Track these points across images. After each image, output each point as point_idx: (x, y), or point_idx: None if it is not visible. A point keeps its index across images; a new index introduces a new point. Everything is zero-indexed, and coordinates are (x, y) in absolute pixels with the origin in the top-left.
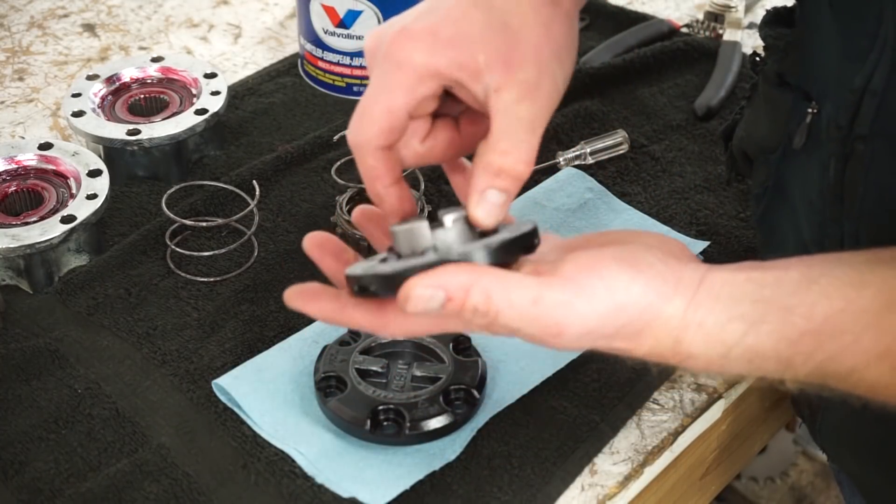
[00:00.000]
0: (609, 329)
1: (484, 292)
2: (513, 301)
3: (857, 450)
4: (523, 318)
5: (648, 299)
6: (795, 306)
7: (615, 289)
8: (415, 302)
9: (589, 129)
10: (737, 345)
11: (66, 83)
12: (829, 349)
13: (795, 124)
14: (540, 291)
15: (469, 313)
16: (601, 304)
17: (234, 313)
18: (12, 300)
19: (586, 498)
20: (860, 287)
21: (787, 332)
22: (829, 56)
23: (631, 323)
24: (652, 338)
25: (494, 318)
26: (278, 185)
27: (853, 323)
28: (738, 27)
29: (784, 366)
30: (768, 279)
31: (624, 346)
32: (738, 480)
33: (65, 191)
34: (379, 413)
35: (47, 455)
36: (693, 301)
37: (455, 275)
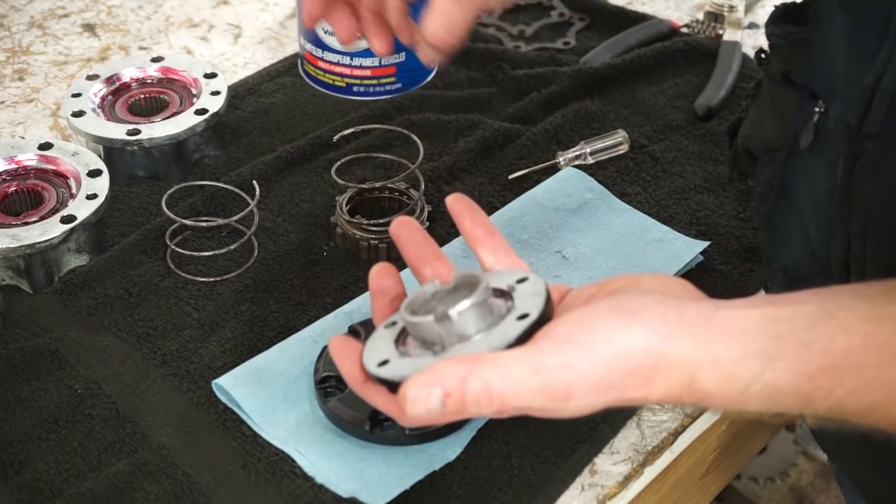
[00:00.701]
0: (615, 379)
1: (482, 379)
2: (513, 379)
3: (859, 450)
4: (528, 392)
5: (650, 342)
6: (813, 341)
7: (613, 338)
8: (413, 405)
9: (589, 129)
10: (755, 381)
11: (66, 83)
12: (850, 384)
13: (802, 123)
14: (537, 360)
15: (473, 406)
16: (601, 355)
17: (234, 313)
18: (12, 300)
19: (586, 498)
20: (879, 321)
21: (806, 367)
22: (837, 55)
23: (637, 369)
24: (663, 380)
25: (501, 403)
26: (278, 185)
27: (873, 357)
28: (738, 27)
29: (804, 402)
30: (783, 314)
31: (637, 395)
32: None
33: (65, 191)
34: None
35: (47, 455)
36: (703, 338)
37: (449, 368)
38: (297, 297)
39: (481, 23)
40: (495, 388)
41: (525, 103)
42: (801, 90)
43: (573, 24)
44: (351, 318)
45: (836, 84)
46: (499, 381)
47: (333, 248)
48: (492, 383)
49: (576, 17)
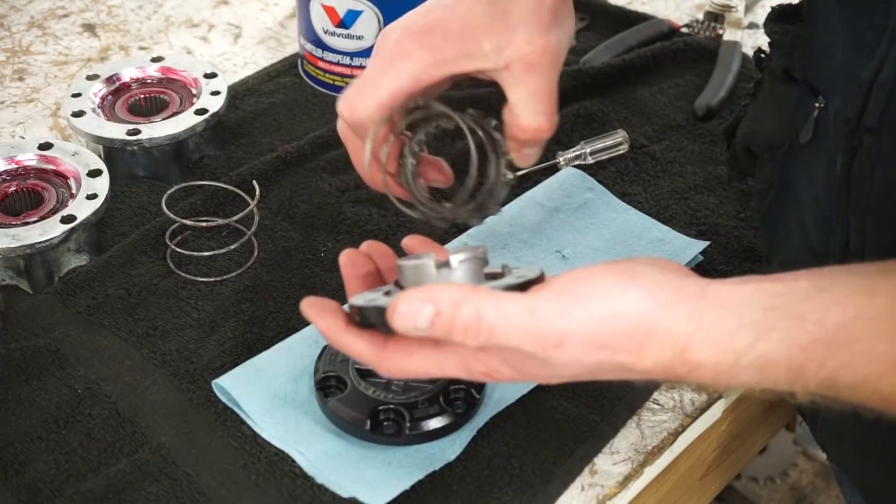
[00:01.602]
0: (609, 337)
1: (475, 307)
2: (507, 314)
3: (859, 449)
4: (519, 330)
5: (646, 305)
6: (807, 314)
7: (610, 295)
8: (402, 318)
9: (589, 129)
10: (747, 352)
11: (66, 83)
12: (842, 357)
13: (802, 119)
14: (534, 302)
15: (461, 332)
16: (598, 309)
17: (234, 313)
18: (12, 300)
19: (586, 498)
20: (872, 295)
21: (799, 339)
22: (836, 49)
23: (631, 330)
24: (656, 347)
25: (489, 336)
26: (278, 185)
27: (866, 330)
28: (738, 27)
29: (795, 375)
30: (777, 289)
31: (628, 359)
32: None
33: (65, 191)
34: (379, 413)
35: (47, 455)
36: (697, 309)
37: (445, 290)
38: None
39: None
40: (486, 319)
41: None
42: (801, 86)
43: None
44: None
45: (835, 79)
46: (492, 313)
47: (333, 249)
48: (484, 313)
49: (576, 17)
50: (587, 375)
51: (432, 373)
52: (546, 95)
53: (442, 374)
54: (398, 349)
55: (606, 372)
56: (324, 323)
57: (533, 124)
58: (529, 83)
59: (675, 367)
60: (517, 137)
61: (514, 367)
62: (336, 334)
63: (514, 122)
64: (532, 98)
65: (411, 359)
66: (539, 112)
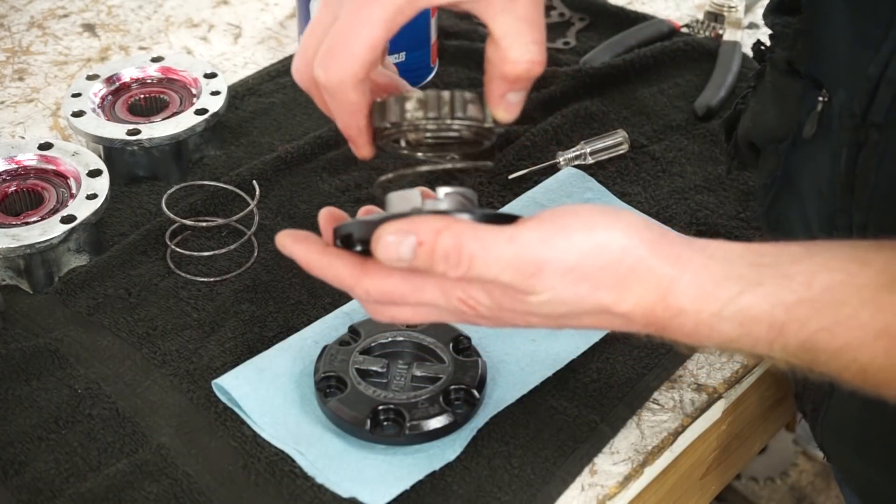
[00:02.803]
0: (590, 269)
1: (455, 236)
2: (487, 243)
3: (860, 448)
4: (499, 260)
5: (631, 240)
6: (795, 274)
7: (595, 227)
8: (384, 247)
9: (589, 129)
10: (730, 303)
11: (66, 83)
12: (825, 320)
13: (805, 113)
14: (515, 231)
15: (442, 261)
16: (580, 240)
17: (234, 313)
18: (12, 300)
19: (586, 498)
20: (862, 264)
21: (784, 296)
22: (841, 43)
23: (614, 264)
24: (639, 286)
25: (469, 265)
26: (278, 185)
27: (853, 296)
28: (738, 27)
29: (776, 332)
30: (767, 249)
31: (609, 297)
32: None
33: (65, 191)
34: (379, 413)
35: (47, 455)
36: (683, 255)
37: (427, 221)
38: (296, 297)
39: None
40: (467, 248)
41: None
42: (804, 79)
43: (573, 24)
44: (351, 318)
45: (840, 73)
46: (472, 242)
47: None
48: (465, 242)
49: (576, 17)
50: (566, 318)
51: (409, 297)
52: (536, 23)
53: (420, 298)
54: (378, 269)
55: (586, 314)
56: (300, 249)
57: (525, 56)
58: (517, 10)
59: (657, 311)
60: (508, 75)
61: (493, 298)
62: (313, 257)
63: (503, 56)
64: (521, 26)
65: (391, 280)
66: (531, 42)
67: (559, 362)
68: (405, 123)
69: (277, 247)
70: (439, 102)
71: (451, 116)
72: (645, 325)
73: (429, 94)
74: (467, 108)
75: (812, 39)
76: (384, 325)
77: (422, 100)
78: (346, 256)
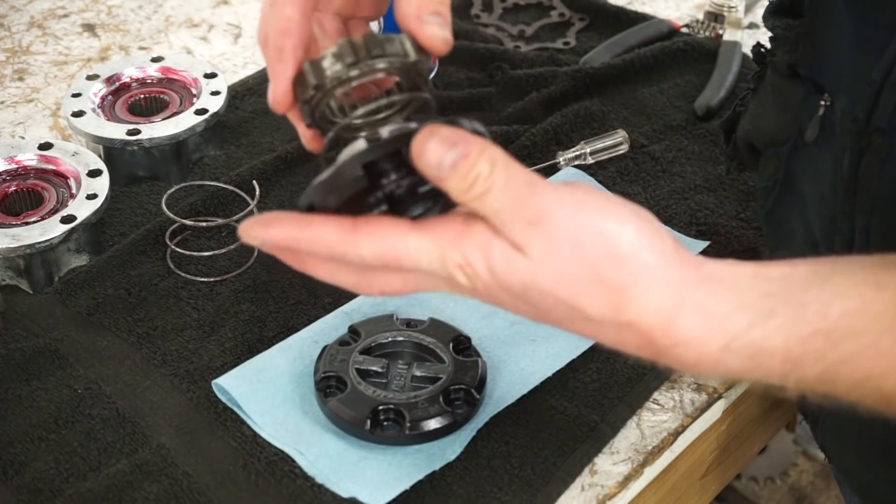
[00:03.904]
0: (592, 251)
1: (491, 159)
2: (510, 176)
3: (861, 450)
4: (509, 194)
5: (641, 244)
6: (808, 303)
7: (608, 214)
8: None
9: (589, 129)
10: (740, 336)
11: (66, 83)
12: (844, 350)
13: (807, 116)
14: (536, 178)
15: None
16: (591, 217)
17: (234, 313)
18: (12, 300)
19: (586, 498)
20: (877, 288)
21: (799, 328)
22: (843, 47)
23: (616, 258)
24: (640, 297)
25: (487, 191)
26: (278, 185)
27: (871, 324)
28: (738, 27)
29: (791, 366)
30: (774, 274)
31: (605, 297)
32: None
33: (65, 191)
34: (379, 413)
35: (47, 455)
36: (692, 278)
37: (473, 137)
38: (296, 297)
39: (481, 23)
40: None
41: (525, 103)
42: (806, 83)
43: (573, 24)
44: (351, 318)
45: (843, 77)
46: (500, 170)
47: None
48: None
49: (576, 17)
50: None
51: (405, 260)
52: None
53: (416, 263)
54: (372, 228)
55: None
56: (277, 232)
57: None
58: None
59: (656, 336)
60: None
61: (488, 262)
62: (296, 232)
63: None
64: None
65: (387, 240)
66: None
67: (559, 362)
68: (328, 82)
69: (248, 242)
70: (354, 48)
71: (369, 56)
72: (638, 348)
73: (341, 43)
74: (385, 46)
75: (814, 43)
76: (384, 325)
77: (335, 52)
78: (332, 220)
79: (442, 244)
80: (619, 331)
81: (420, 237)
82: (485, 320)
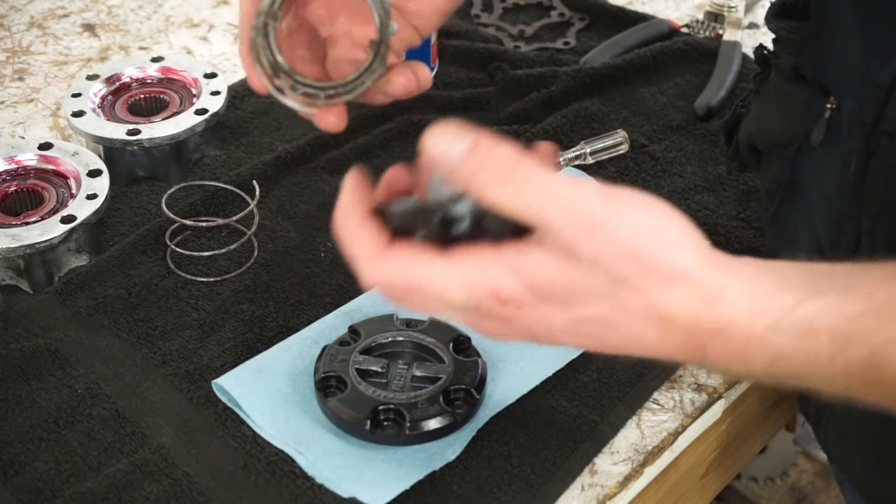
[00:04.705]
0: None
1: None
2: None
3: (863, 452)
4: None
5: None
6: (854, 286)
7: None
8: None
9: (589, 129)
10: (789, 314)
11: (66, 83)
12: (893, 330)
13: (812, 119)
14: (577, 179)
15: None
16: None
17: (234, 313)
18: (12, 300)
19: (586, 498)
20: None
21: (847, 307)
22: (850, 50)
23: (667, 245)
24: (684, 288)
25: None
26: (278, 185)
27: None
28: (738, 27)
29: (840, 346)
30: (817, 266)
31: (656, 288)
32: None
33: (65, 191)
34: (379, 413)
35: (47, 455)
36: (732, 264)
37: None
38: (296, 297)
39: (481, 23)
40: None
41: (525, 103)
42: (811, 85)
43: (573, 24)
44: (351, 318)
45: (850, 80)
46: (530, 164)
47: (333, 249)
48: (524, 159)
49: (576, 17)
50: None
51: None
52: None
53: (441, 288)
54: (402, 250)
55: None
56: (349, 195)
57: None
58: None
59: (702, 322)
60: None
61: (530, 287)
62: (350, 209)
63: None
64: None
65: (414, 264)
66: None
67: (559, 362)
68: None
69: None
70: None
71: None
72: (684, 342)
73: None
74: None
75: (819, 45)
76: (384, 325)
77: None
78: (375, 229)
79: (470, 265)
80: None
81: (449, 264)
82: None
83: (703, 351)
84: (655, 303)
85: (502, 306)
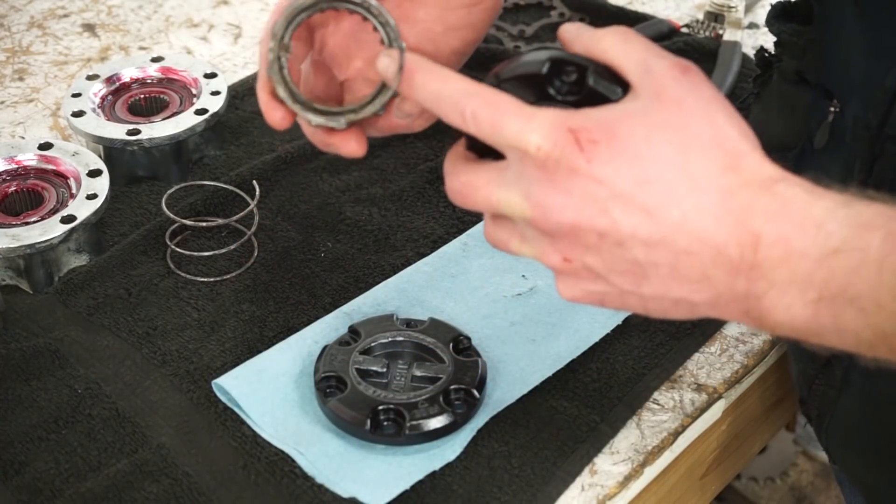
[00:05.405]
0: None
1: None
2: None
3: (865, 453)
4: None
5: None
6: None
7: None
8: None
9: None
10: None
11: (66, 83)
12: None
13: (815, 123)
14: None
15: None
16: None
17: (234, 313)
18: (12, 300)
19: (586, 498)
20: None
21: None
22: (854, 54)
23: (732, 114)
24: (748, 160)
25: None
26: (278, 185)
27: None
28: (738, 27)
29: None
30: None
31: (712, 145)
32: (738, 480)
33: (65, 191)
34: (379, 413)
35: (47, 455)
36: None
37: None
38: (296, 297)
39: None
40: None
41: None
42: (814, 89)
43: None
44: (351, 318)
45: (854, 83)
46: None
47: (333, 249)
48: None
49: (576, 18)
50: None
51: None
52: None
53: (523, 124)
54: (493, 94)
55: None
56: (465, 81)
57: None
58: None
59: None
60: None
61: (608, 134)
62: (478, 86)
63: None
64: None
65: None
66: None
67: (559, 362)
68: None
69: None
70: None
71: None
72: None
73: None
74: None
75: (822, 49)
76: (384, 325)
77: None
78: (464, 78)
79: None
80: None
81: (528, 116)
82: (485, 320)
83: (756, 239)
84: (720, 175)
85: (576, 151)
